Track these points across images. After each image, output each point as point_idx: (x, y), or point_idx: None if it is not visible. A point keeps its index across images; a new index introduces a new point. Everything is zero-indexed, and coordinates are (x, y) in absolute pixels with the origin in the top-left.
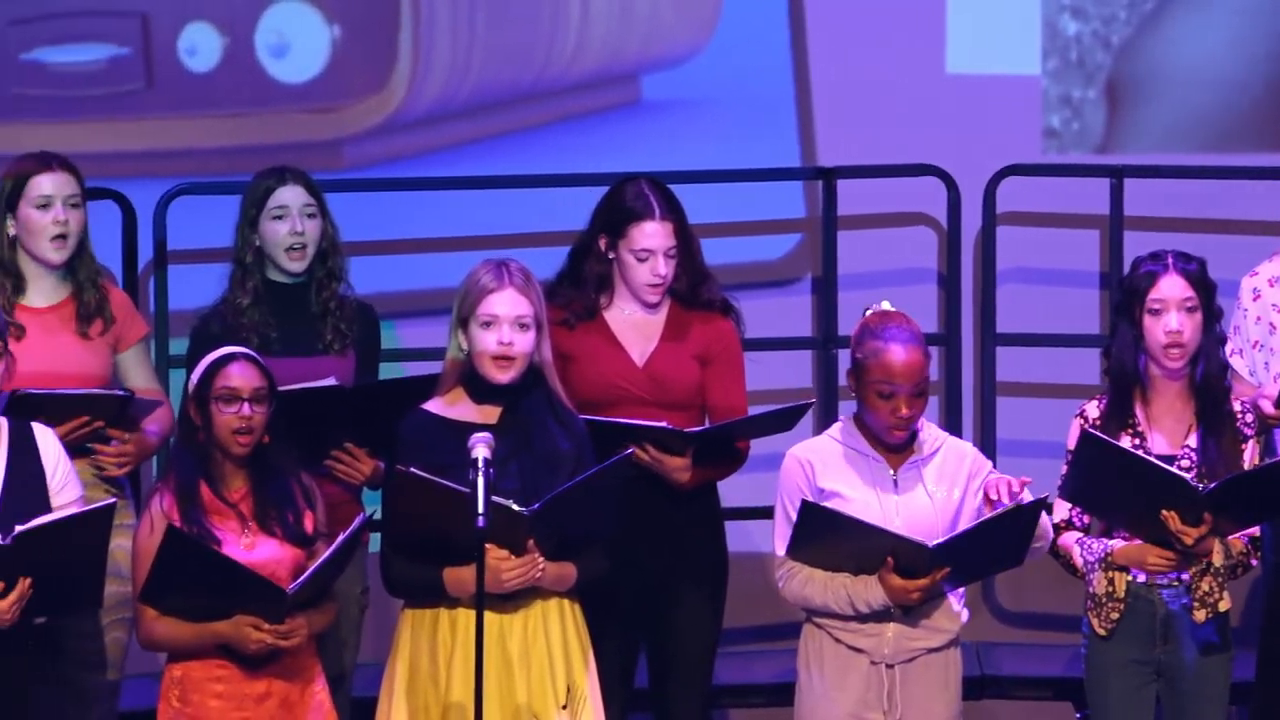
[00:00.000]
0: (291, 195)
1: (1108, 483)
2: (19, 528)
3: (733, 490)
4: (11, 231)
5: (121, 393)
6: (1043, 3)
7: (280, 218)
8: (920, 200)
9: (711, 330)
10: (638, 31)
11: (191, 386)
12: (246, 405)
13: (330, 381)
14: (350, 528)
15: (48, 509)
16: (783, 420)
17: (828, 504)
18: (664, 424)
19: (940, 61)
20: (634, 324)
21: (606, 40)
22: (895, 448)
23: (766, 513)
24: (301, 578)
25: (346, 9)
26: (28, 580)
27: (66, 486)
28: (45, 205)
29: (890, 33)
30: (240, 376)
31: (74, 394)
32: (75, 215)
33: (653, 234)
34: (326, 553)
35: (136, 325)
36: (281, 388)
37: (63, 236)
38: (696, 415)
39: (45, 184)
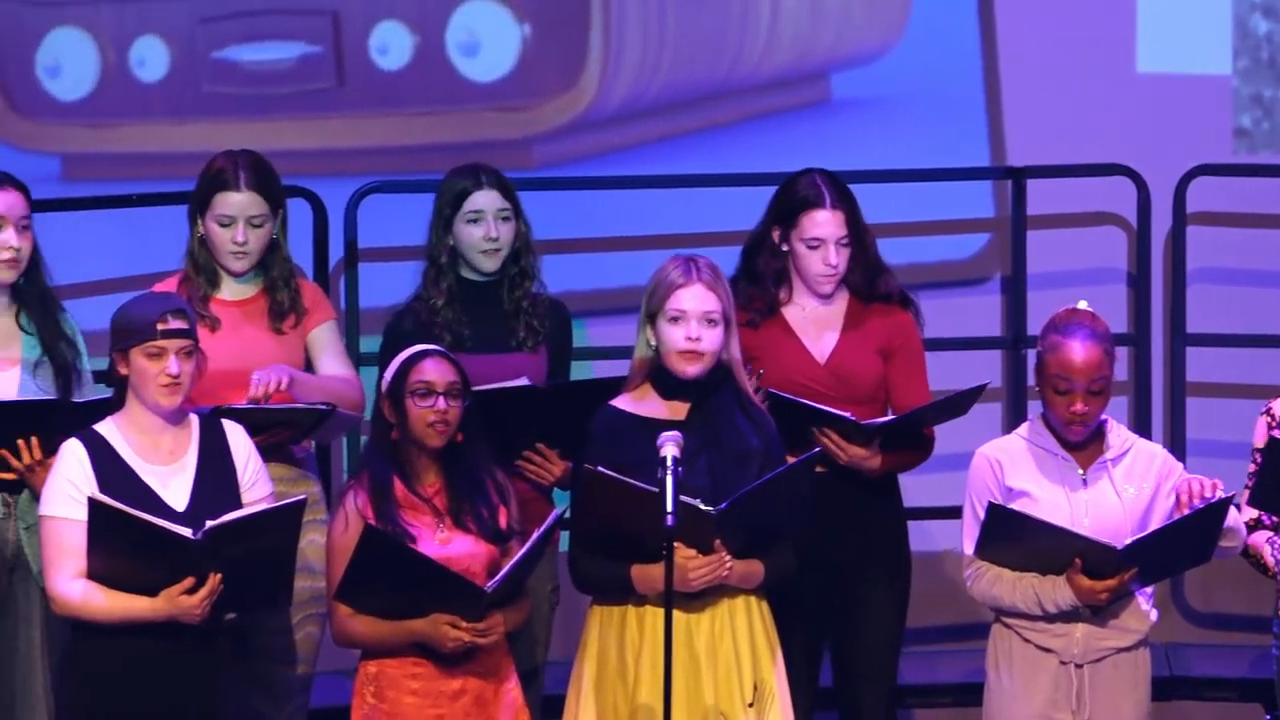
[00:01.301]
0: (486, 200)
1: None
2: (210, 523)
3: (915, 489)
4: (201, 231)
5: (324, 407)
6: (1234, 2)
7: (475, 221)
8: (1110, 200)
9: (891, 323)
10: (828, 30)
11: (386, 384)
12: (441, 399)
13: (523, 382)
14: (545, 524)
15: (238, 505)
16: (958, 405)
17: (1016, 503)
18: (847, 414)
19: (1131, 61)
20: (814, 320)
21: (796, 39)
22: (1080, 446)
23: (949, 512)
24: (499, 576)
25: (538, 8)
26: (218, 576)
27: (257, 483)
28: (227, 225)
29: (1080, 32)
30: (435, 371)
31: (276, 409)
32: (257, 234)
33: (824, 222)
34: (522, 550)
35: (323, 308)
36: (476, 387)
37: (243, 253)
38: (880, 408)
39: (230, 204)
